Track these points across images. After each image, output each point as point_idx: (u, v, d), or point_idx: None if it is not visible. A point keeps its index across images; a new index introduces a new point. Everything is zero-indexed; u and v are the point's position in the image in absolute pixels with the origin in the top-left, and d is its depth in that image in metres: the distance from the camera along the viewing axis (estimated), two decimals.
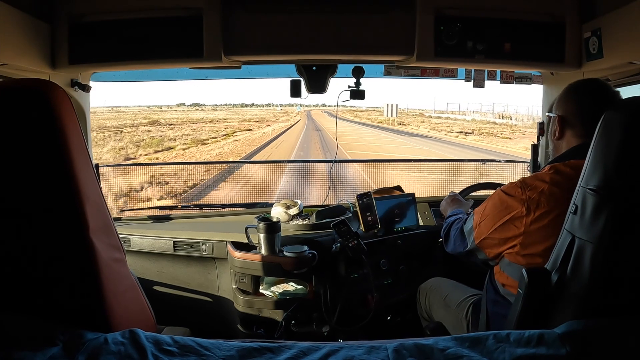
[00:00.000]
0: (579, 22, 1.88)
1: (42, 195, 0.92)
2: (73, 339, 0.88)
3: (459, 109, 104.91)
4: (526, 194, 1.47)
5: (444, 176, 4.03)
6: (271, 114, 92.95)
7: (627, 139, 0.95)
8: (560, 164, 1.49)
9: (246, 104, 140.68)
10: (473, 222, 1.68)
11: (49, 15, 1.82)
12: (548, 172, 1.48)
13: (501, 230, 1.54)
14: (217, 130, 47.19)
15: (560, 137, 1.59)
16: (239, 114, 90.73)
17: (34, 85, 0.92)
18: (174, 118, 66.36)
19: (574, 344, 0.88)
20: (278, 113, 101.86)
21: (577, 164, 1.41)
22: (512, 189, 1.52)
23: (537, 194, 1.45)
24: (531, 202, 1.46)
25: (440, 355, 0.89)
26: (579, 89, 1.57)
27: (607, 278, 1.01)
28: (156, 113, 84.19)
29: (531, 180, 1.50)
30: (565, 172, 1.45)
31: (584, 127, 1.51)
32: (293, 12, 1.91)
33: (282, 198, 2.59)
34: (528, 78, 2.42)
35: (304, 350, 0.92)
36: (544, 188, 1.45)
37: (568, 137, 1.57)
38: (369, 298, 2.26)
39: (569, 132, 1.56)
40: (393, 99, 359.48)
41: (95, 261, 0.95)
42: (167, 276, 2.55)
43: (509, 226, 1.51)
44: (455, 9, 1.90)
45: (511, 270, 1.54)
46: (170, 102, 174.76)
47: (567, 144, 1.57)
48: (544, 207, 1.44)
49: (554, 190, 1.43)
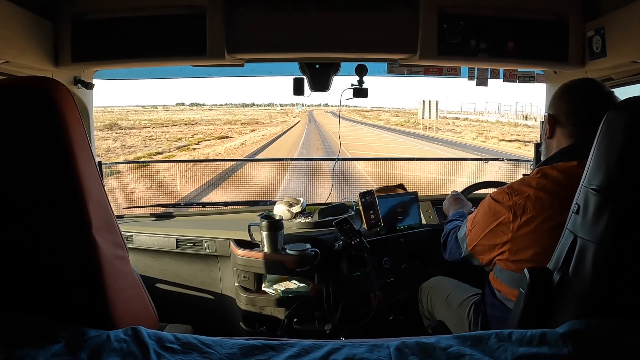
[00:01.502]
0: (583, 20, 1.88)
1: (44, 192, 0.92)
2: (75, 336, 0.88)
3: (475, 109, 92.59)
4: (513, 199, 1.47)
5: (447, 176, 4.03)
6: (267, 115, 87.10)
7: (629, 139, 0.95)
8: (548, 167, 1.48)
9: (246, 104, 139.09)
10: (466, 229, 1.69)
11: (52, 13, 1.83)
12: (535, 176, 1.48)
13: (490, 237, 1.54)
14: (179, 138, 37.89)
15: (550, 136, 1.58)
16: (233, 114, 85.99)
17: (37, 83, 0.92)
18: (148, 119, 60.48)
19: (576, 343, 0.88)
20: (276, 113, 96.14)
21: (565, 166, 1.42)
22: (500, 195, 1.53)
23: (523, 199, 1.45)
24: (517, 208, 1.46)
25: (442, 353, 0.88)
26: (571, 89, 1.56)
27: (610, 278, 1.01)
28: (141, 113, 79.20)
29: (518, 186, 1.50)
30: (552, 175, 1.44)
31: (574, 126, 1.50)
32: (296, 10, 1.90)
33: (285, 196, 2.60)
34: (531, 77, 2.42)
35: (306, 348, 0.92)
36: (530, 193, 1.45)
37: (558, 136, 1.56)
38: (371, 296, 2.26)
39: (559, 131, 1.55)
40: (397, 98, 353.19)
41: (98, 259, 0.95)
42: (169, 274, 2.56)
43: (497, 232, 1.51)
44: (459, 8, 1.90)
45: (503, 277, 1.54)
46: (169, 102, 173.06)
47: (557, 143, 1.56)
48: (530, 212, 1.44)
49: (540, 195, 1.43)
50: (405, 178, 3.70)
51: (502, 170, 3.52)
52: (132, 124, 52.98)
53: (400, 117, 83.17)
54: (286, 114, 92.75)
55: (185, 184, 8.78)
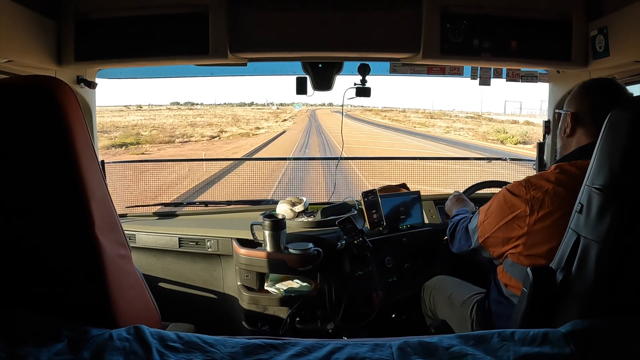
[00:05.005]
0: (586, 20, 1.88)
1: (47, 191, 0.92)
2: (78, 335, 0.88)
3: (520, 110, 76.04)
4: (530, 193, 1.46)
5: (449, 176, 4.01)
6: (253, 116, 71.77)
7: (633, 138, 0.95)
8: (567, 163, 1.47)
9: (245, 103, 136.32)
10: (478, 220, 1.67)
11: (55, 13, 1.83)
12: (554, 171, 1.47)
13: (504, 230, 1.53)
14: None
15: (570, 135, 1.57)
16: (215, 115, 70.64)
17: (40, 82, 0.92)
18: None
19: (579, 342, 0.88)
20: (268, 114, 78.83)
21: (584, 164, 1.39)
22: (517, 188, 1.51)
23: (542, 194, 1.44)
24: (535, 202, 1.45)
25: (444, 353, 0.88)
26: (594, 87, 1.56)
27: (613, 277, 1.00)
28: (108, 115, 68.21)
29: (536, 180, 1.49)
30: (571, 172, 1.44)
31: (596, 126, 1.48)
32: (299, 9, 1.91)
33: (287, 195, 2.60)
34: (534, 76, 2.41)
35: (308, 347, 0.92)
36: (548, 188, 1.44)
37: (579, 134, 1.55)
38: (373, 296, 2.26)
39: (580, 130, 1.55)
40: (413, 97, 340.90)
41: (101, 258, 0.96)
42: (172, 273, 2.56)
43: (512, 225, 1.50)
44: (462, 7, 1.90)
45: (514, 271, 1.53)
46: (164, 102, 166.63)
47: (577, 142, 1.55)
48: (548, 207, 1.43)
49: (558, 190, 1.42)
50: (406, 177, 3.64)
51: (506, 169, 3.51)
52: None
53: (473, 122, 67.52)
54: (277, 115, 75.32)
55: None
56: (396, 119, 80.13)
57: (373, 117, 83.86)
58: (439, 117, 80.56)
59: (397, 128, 58.01)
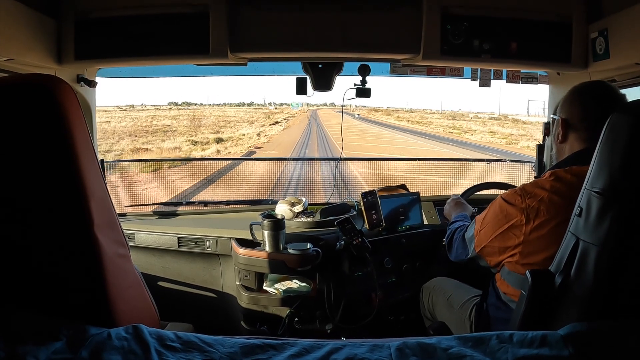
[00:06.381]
0: (586, 22, 1.88)
1: (47, 190, 0.92)
2: (76, 334, 0.88)
3: (544, 110, 69.02)
4: (526, 202, 1.45)
5: (448, 178, 4.00)
6: (241, 117, 62.40)
7: (633, 142, 0.95)
8: (562, 170, 1.46)
9: (244, 102, 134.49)
10: (474, 229, 1.66)
11: (55, 11, 1.83)
12: (548, 179, 1.46)
13: (501, 239, 1.52)
14: None
15: (563, 141, 1.57)
16: (195, 114, 61.37)
17: (40, 81, 0.92)
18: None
19: (577, 345, 0.88)
20: (259, 115, 68.50)
21: (579, 170, 1.38)
22: (512, 197, 1.50)
23: (537, 202, 1.43)
24: (530, 211, 1.44)
25: (443, 354, 0.88)
26: (584, 92, 1.54)
27: (612, 281, 1.01)
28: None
29: (531, 188, 1.47)
30: (566, 179, 1.42)
31: (588, 131, 1.49)
32: (300, 9, 1.91)
33: (286, 195, 2.60)
34: (534, 78, 2.41)
35: (307, 347, 0.92)
36: (543, 196, 1.43)
37: (571, 140, 1.54)
38: (372, 296, 2.26)
39: (572, 135, 1.54)
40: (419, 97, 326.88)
41: (100, 257, 0.96)
42: (171, 272, 2.56)
43: (509, 235, 1.49)
44: (462, 8, 1.90)
45: (511, 279, 1.53)
46: (161, 102, 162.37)
47: (570, 148, 1.54)
48: (544, 215, 1.42)
49: (553, 198, 1.41)
50: (406, 178, 3.64)
51: (506, 170, 3.50)
52: None
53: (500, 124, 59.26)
54: (269, 117, 65.98)
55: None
56: (417, 120, 71.99)
57: (385, 119, 78.11)
58: (459, 118, 76.61)
59: (433, 135, 46.42)
